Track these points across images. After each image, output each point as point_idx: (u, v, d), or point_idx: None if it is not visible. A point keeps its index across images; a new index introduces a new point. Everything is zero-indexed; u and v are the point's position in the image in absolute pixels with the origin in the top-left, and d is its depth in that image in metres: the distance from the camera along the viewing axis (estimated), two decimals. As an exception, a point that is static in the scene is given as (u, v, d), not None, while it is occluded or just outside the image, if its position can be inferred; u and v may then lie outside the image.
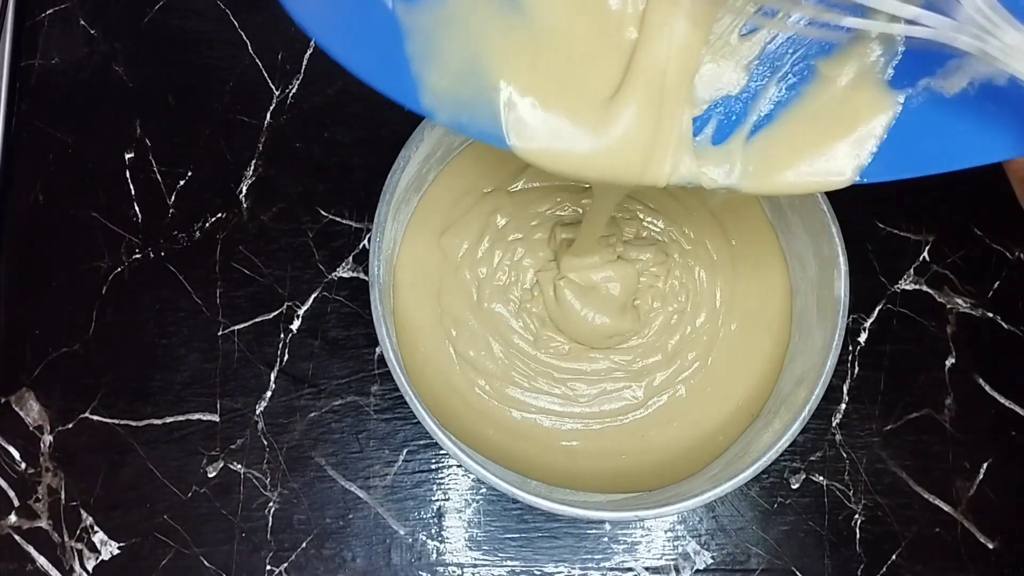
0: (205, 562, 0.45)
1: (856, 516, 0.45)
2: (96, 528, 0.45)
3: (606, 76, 0.28)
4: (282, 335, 0.46)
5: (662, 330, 0.44)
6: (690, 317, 0.44)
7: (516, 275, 0.44)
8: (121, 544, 0.45)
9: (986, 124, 0.26)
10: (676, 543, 0.45)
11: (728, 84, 0.28)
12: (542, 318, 0.44)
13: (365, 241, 0.47)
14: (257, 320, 0.46)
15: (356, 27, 0.27)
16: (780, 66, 0.27)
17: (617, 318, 0.43)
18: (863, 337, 0.46)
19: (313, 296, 0.46)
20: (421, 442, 0.45)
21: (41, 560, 0.45)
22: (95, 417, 0.46)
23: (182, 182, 0.47)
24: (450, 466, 0.45)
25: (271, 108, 0.48)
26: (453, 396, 0.42)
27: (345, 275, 0.47)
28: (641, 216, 0.45)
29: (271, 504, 0.45)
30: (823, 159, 0.27)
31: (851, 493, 0.45)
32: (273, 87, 0.48)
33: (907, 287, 0.46)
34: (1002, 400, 0.46)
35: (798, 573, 0.44)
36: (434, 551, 0.45)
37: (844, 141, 0.27)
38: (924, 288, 0.46)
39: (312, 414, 0.46)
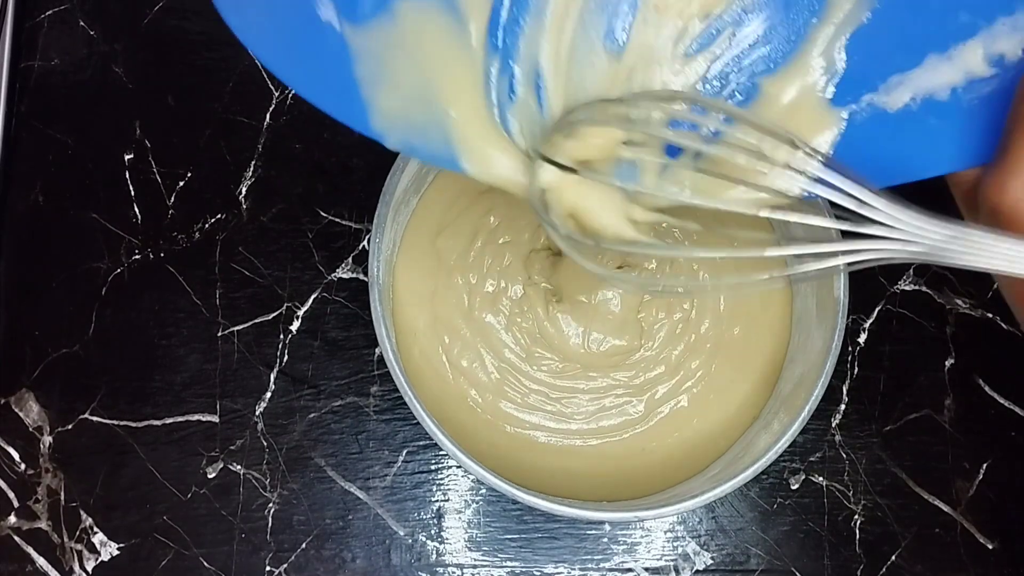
0: (205, 563, 0.45)
1: (856, 516, 0.45)
2: (96, 529, 0.45)
3: None
4: (282, 336, 0.46)
5: (667, 341, 0.42)
6: (695, 324, 0.42)
7: (505, 283, 0.42)
8: (121, 545, 0.45)
9: (929, 138, 0.27)
10: (676, 544, 0.45)
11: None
12: (533, 334, 0.42)
13: (364, 242, 0.47)
14: (257, 321, 0.46)
15: (303, 48, 0.27)
16: (725, 85, 0.27)
17: (617, 337, 0.41)
18: (863, 338, 0.46)
19: (313, 297, 0.46)
20: (421, 443, 0.45)
21: (41, 561, 0.45)
22: (95, 418, 0.46)
23: (182, 183, 0.47)
24: (450, 467, 0.45)
25: (271, 109, 0.48)
26: (449, 401, 0.42)
27: (345, 276, 0.47)
28: None
29: (271, 505, 0.45)
30: (770, 176, 0.27)
31: (851, 494, 0.45)
32: (273, 88, 0.48)
33: (906, 288, 0.46)
34: (1002, 401, 0.46)
35: (797, 574, 0.44)
36: (434, 552, 0.45)
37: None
38: (924, 289, 0.46)
39: (312, 415, 0.45)
